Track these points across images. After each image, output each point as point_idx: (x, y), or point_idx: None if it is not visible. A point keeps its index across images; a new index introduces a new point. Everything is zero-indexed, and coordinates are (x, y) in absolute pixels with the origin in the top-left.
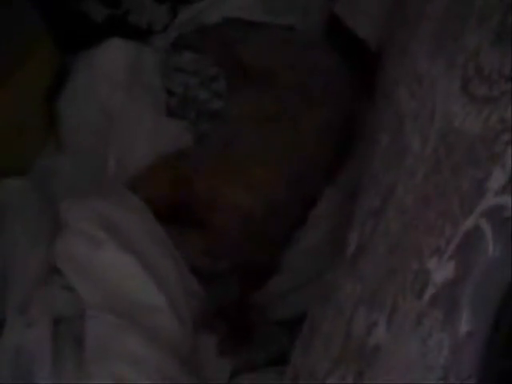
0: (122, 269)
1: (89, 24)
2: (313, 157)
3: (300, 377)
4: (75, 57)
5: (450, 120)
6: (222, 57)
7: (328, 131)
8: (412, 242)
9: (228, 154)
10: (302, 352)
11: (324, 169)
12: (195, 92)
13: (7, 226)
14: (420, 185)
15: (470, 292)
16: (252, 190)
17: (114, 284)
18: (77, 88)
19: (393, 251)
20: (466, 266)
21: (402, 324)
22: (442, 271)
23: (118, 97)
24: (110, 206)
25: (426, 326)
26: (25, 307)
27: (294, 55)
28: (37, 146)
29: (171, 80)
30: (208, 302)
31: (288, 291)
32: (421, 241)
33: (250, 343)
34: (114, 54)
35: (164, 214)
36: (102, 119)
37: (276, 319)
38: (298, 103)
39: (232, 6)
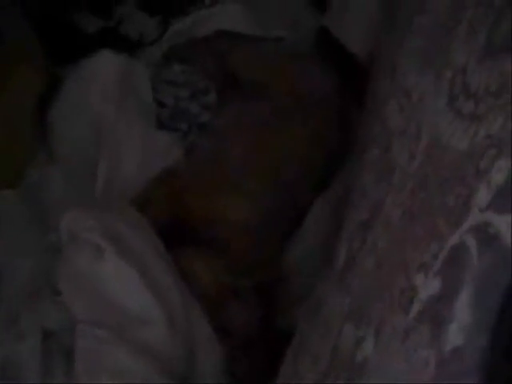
0: (120, 280)
1: (80, 35)
2: (303, 167)
3: None
4: (66, 68)
5: (437, 136)
6: (213, 69)
7: (318, 142)
8: (399, 257)
9: (220, 168)
10: (290, 365)
11: (315, 179)
12: (186, 104)
13: None
14: (407, 200)
15: (457, 309)
16: (246, 201)
17: (111, 295)
18: (67, 99)
19: (380, 266)
20: (452, 282)
21: (389, 339)
22: (428, 287)
23: (109, 109)
24: (115, 219)
25: (413, 341)
26: (15, 320)
27: (284, 68)
28: (27, 157)
29: (162, 92)
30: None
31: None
32: (407, 256)
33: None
34: (104, 66)
35: (163, 232)
36: (92, 131)
37: None
38: (289, 115)
39: (223, 19)
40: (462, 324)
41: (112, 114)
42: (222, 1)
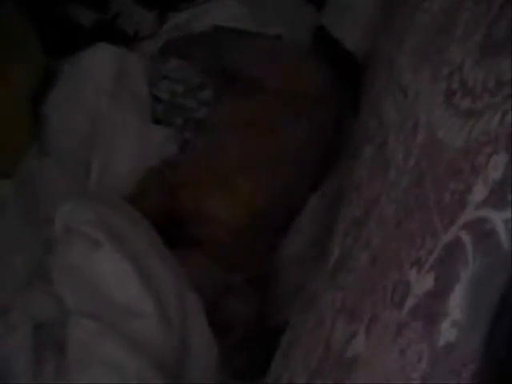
0: (114, 273)
1: (77, 28)
2: (298, 166)
3: None
4: (62, 61)
5: (433, 132)
6: (210, 65)
7: (313, 140)
8: (392, 253)
9: (213, 166)
10: (281, 362)
11: (309, 177)
12: (181, 99)
13: None
14: (402, 197)
15: (450, 305)
16: (237, 201)
17: (105, 287)
18: (63, 92)
19: (374, 262)
20: (446, 278)
21: (381, 335)
22: (421, 283)
23: (104, 102)
24: (113, 213)
25: (405, 337)
26: (6, 311)
27: (281, 65)
28: (21, 149)
29: (158, 87)
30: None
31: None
32: (401, 252)
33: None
34: (100, 59)
35: (156, 226)
36: (87, 124)
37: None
38: (284, 113)
39: (220, 15)
40: (455, 320)
41: (107, 106)
42: None
